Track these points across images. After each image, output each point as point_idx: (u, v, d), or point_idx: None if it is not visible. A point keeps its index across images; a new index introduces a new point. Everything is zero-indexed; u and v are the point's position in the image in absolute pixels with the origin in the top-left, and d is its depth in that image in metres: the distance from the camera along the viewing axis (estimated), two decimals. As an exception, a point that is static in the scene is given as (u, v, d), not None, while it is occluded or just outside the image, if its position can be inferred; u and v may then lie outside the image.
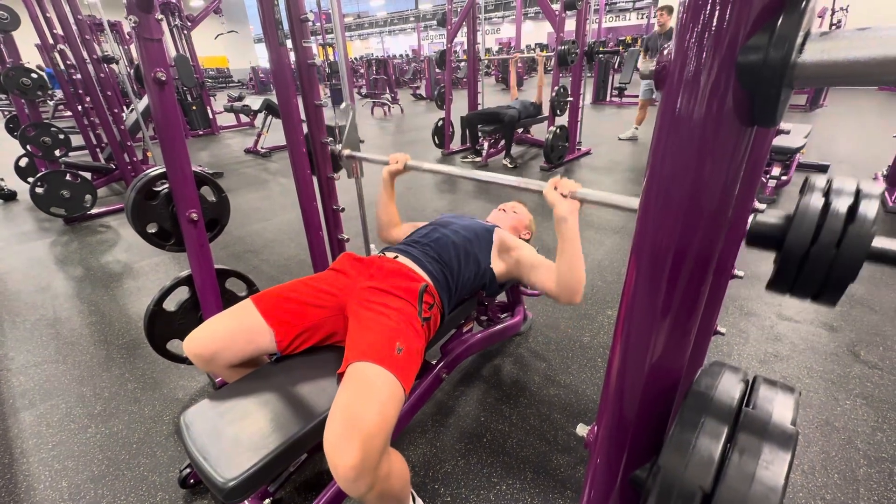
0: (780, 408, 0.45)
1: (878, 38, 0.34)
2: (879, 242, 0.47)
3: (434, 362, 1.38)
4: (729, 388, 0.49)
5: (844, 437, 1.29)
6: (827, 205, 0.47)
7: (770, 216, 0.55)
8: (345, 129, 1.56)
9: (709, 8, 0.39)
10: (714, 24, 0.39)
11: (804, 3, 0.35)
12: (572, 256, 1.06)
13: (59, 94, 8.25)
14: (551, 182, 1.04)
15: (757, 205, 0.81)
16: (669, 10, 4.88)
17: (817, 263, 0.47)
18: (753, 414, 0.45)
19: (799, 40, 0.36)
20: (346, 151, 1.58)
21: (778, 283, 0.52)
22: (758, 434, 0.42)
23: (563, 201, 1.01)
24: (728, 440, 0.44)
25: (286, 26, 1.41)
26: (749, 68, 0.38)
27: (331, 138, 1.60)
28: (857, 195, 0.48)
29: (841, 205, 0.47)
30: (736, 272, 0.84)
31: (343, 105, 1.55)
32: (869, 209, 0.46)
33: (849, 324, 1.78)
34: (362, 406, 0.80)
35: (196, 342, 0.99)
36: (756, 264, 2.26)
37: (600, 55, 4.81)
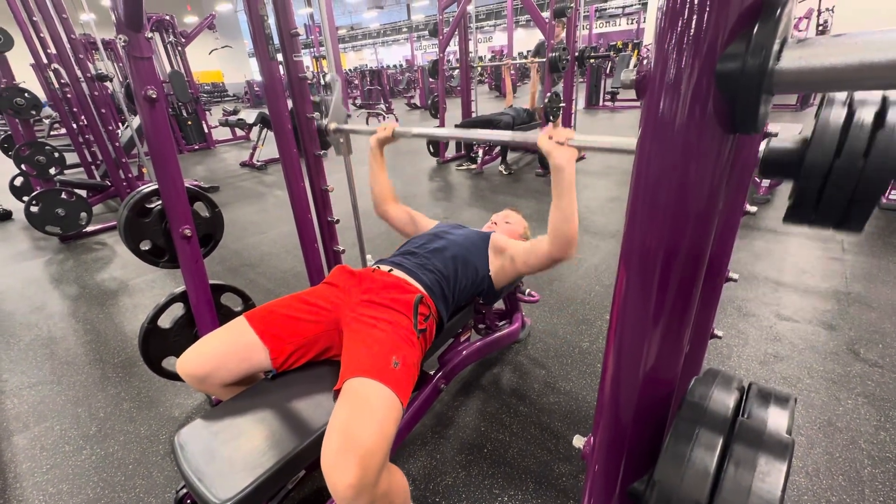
0: (775, 416, 0.44)
1: (854, 44, 0.34)
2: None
3: (432, 373, 1.36)
4: (723, 396, 0.48)
5: (848, 438, 1.28)
6: (851, 114, 0.42)
7: (785, 141, 0.48)
8: (330, 103, 1.46)
9: (685, 16, 0.39)
10: (692, 32, 0.39)
11: (779, 10, 0.35)
12: (569, 206, 1.03)
13: (51, 112, 8.29)
14: (545, 130, 1.00)
15: (748, 207, 0.81)
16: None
17: (843, 179, 0.41)
18: (748, 424, 0.44)
19: (776, 48, 0.36)
20: (333, 125, 1.48)
21: (797, 212, 0.46)
22: (753, 445, 0.41)
23: (560, 149, 0.97)
24: (723, 452, 0.43)
25: (276, 41, 1.42)
26: (728, 76, 0.38)
27: (317, 113, 1.50)
28: (884, 103, 0.42)
29: (866, 114, 0.41)
30: (730, 274, 0.84)
31: (329, 76, 1.45)
32: None
33: (847, 322, 1.78)
34: (360, 423, 0.79)
35: (189, 362, 0.97)
36: (752, 265, 2.26)
37: (591, 60, 4.87)
